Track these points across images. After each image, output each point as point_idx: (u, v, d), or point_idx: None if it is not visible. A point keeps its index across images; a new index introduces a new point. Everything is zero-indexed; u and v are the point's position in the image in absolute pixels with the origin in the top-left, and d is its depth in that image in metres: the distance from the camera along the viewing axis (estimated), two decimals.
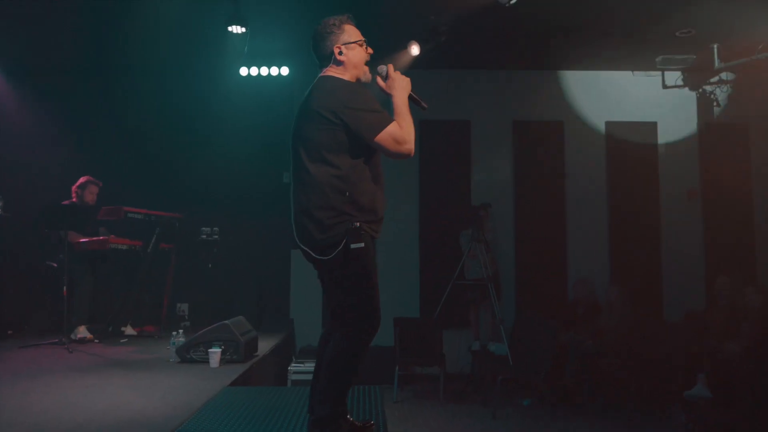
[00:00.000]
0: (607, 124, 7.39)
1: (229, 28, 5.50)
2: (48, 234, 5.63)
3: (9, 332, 6.09)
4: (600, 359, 5.74)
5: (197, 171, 6.96)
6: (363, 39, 2.62)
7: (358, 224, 2.38)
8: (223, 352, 4.38)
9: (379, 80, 2.56)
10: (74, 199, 5.79)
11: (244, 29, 5.52)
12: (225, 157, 7.03)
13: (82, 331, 5.49)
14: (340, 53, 2.56)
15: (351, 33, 2.59)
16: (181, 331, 4.69)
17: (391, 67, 2.55)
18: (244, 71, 6.88)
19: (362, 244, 2.37)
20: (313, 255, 2.44)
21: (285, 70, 6.96)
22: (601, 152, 7.39)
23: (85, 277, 5.56)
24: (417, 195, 7.26)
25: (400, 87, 2.52)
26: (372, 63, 2.65)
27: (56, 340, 5.11)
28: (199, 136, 6.99)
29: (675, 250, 7.25)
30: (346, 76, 2.57)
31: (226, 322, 4.50)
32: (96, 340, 5.47)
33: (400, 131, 2.41)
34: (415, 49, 6.02)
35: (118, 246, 5.60)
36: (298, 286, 7.15)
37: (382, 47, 6.28)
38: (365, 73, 2.62)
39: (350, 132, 2.39)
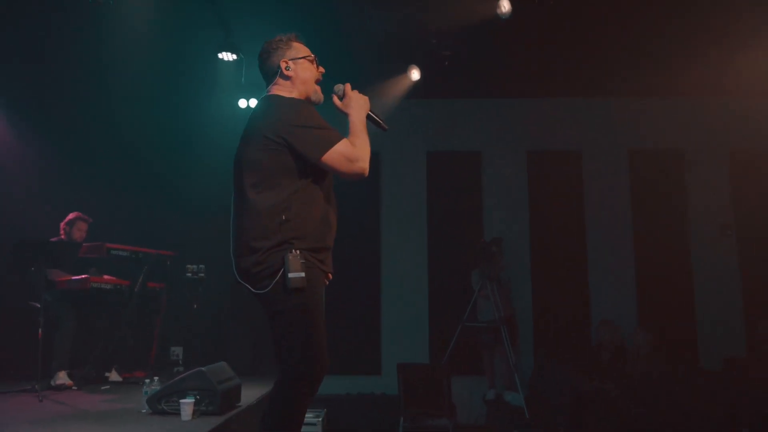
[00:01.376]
0: (630, 152, 6.91)
1: (220, 56, 5.26)
2: (33, 273, 5.34)
3: None
4: (627, 410, 5.15)
5: (194, 206, 6.66)
6: (312, 55, 2.46)
7: (297, 252, 2.10)
8: (197, 403, 3.92)
9: (336, 100, 2.40)
10: (62, 236, 5.51)
11: (235, 56, 5.28)
12: (224, 191, 6.71)
13: (62, 377, 5.11)
14: (287, 68, 2.40)
15: (299, 49, 2.44)
16: (156, 378, 4.28)
17: (348, 86, 2.40)
18: (243, 103, 6.65)
19: (302, 274, 2.08)
20: (251, 290, 2.13)
21: None
22: (624, 183, 6.89)
23: (67, 318, 5.22)
24: (425, 230, 6.83)
25: (357, 106, 2.35)
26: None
27: (29, 387, 4.74)
28: (196, 170, 6.70)
29: (709, 290, 6.64)
30: (294, 93, 2.39)
31: (202, 368, 4.06)
32: (74, 387, 5.08)
33: (352, 149, 2.21)
34: (415, 74, 5.70)
35: (101, 285, 5.25)
36: None
37: (381, 72, 6.04)
38: (315, 92, 2.45)
39: (295, 153, 2.18)
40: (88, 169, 6.54)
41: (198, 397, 3.97)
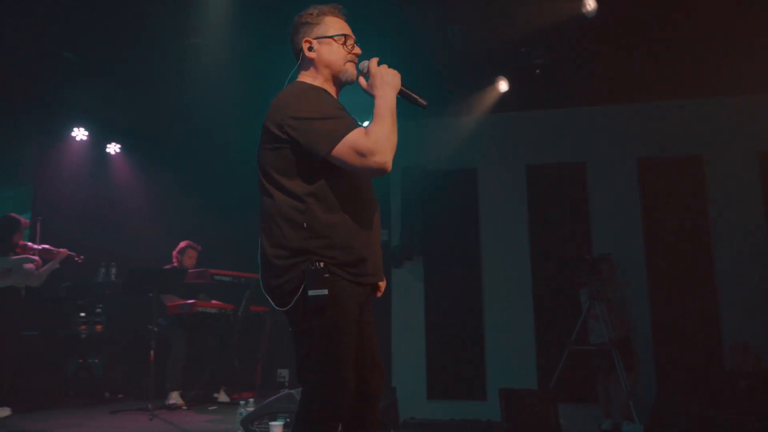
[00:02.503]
0: (759, 154, 6.14)
1: None
2: (151, 298, 5.74)
3: (120, 395, 6.26)
4: None
5: None
6: (348, 34, 2.10)
7: (321, 264, 1.84)
8: (288, 425, 3.96)
9: (362, 81, 2.07)
10: (175, 263, 5.89)
11: None
12: None
13: (175, 397, 5.41)
14: (310, 48, 2.07)
15: (331, 26, 2.09)
16: (251, 400, 4.37)
17: (373, 62, 2.04)
18: None
19: (324, 292, 1.81)
20: (273, 305, 1.94)
21: None
22: (755, 186, 6.12)
23: (178, 341, 5.54)
24: (528, 248, 6.47)
25: (383, 84, 1.97)
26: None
27: (143, 406, 5.06)
28: None
29: None
30: (318, 79, 2.08)
31: (292, 391, 4.11)
32: (185, 407, 5.35)
33: (365, 140, 1.83)
34: (503, 86, 5.48)
35: (206, 309, 5.53)
36: (400, 351, 6.61)
37: (467, 85, 5.86)
38: (345, 71, 2.08)
39: (301, 148, 1.89)
40: (196, 199, 6.97)
41: (288, 419, 4.00)
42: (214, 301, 5.73)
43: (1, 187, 6.00)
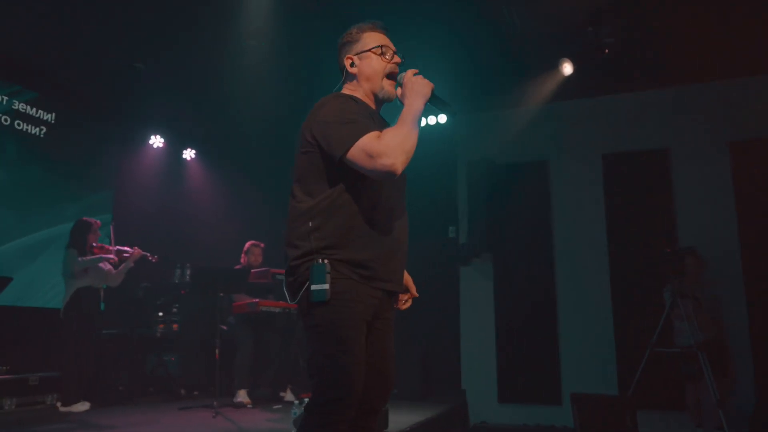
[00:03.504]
0: None
1: None
2: (221, 298, 5.88)
3: (195, 393, 6.45)
4: None
5: None
6: (384, 45, 2.15)
7: (325, 262, 1.88)
8: None
9: (398, 91, 2.10)
10: (243, 263, 6.00)
11: None
12: None
13: (242, 396, 5.48)
14: (352, 65, 2.17)
15: (369, 40, 2.17)
16: (306, 399, 4.32)
17: (409, 72, 2.07)
18: None
19: (325, 286, 1.84)
20: (289, 301, 2.01)
21: (443, 118, 6.55)
22: None
23: (244, 340, 5.61)
24: (605, 243, 6.03)
25: (413, 93, 2.01)
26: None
27: (209, 404, 5.16)
28: None
29: None
30: (359, 92, 2.15)
31: None
32: (251, 406, 5.40)
33: (376, 143, 1.87)
34: (567, 68, 5.12)
35: (270, 309, 5.56)
36: (469, 352, 6.37)
37: (531, 72, 5.55)
38: (383, 88, 2.14)
39: (324, 152, 1.96)
40: (267, 200, 7.09)
41: None
42: (282, 302, 5.76)
43: (85, 193, 6.36)
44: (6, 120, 5.55)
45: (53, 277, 5.24)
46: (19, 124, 5.65)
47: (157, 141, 7.07)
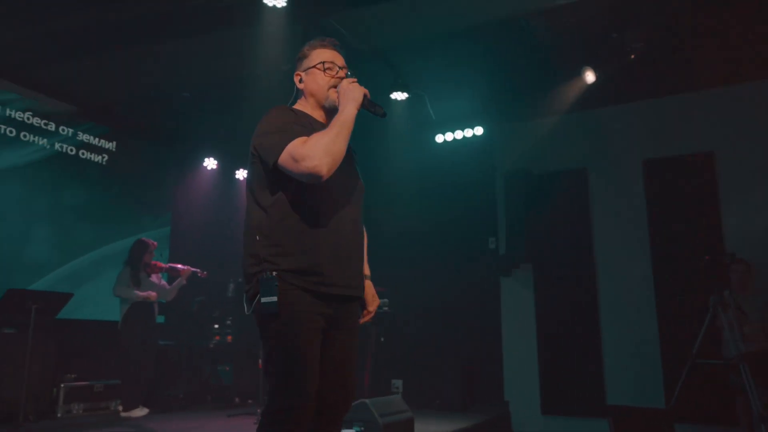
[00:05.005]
0: None
1: (392, 96, 5.47)
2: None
3: (249, 401, 6.79)
4: None
5: (400, 243, 6.94)
6: (330, 61, 2.20)
7: (273, 273, 1.91)
8: None
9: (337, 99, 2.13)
10: None
11: (406, 95, 5.43)
12: (427, 225, 6.89)
13: None
14: (300, 81, 2.24)
15: (316, 57, 2.22)
16: None
17: (345, 81, 2.12)
18: (440, 138, 6.77)
19: (273, 299, 1.87)
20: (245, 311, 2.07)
21: (479, 130, 6.61)
22: None
23: None
24: (648, 250, 5.87)
25: (345, 98, 2.06)
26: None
27: (252, 411, 5.44)
28: (399, 209, 6.99)
29: None
30: (307, 108, 2.21)
31: (366, 400, 4.15)
32: None
33: (300, 147, 1.91)
34: (590, 77, 5.06)
35: None
36: (511, 363, 6.35)
37: (561, 76, 5.52)
38: (327, 98, 2.18)
39: (264, 162, 2.01)
40: None
41: (363, 428, 4.06)
42: None
43: (144, 214, 6.85)
44: (72, 150, 6.12)
45: (110, 292, 5.69)
46: (83, 154, 6.22)
47: (210, 163, 7.52)
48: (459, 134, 6.70)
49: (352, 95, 2.05)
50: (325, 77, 2.18)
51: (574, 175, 6.31)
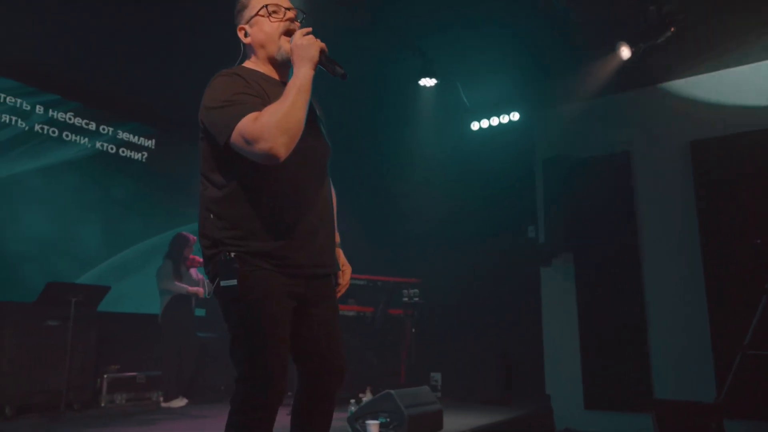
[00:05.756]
0: None
1: (420, 82, 5.36)
2: None
3: (289, 393, 6.83)
4: None
5: (435, 233, 6.82)
6: (273, 3, 1.94)
7: (231, 255, 1.77)
8: (386, 425, 3.95)
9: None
10: None
11: (435, 81, 5.31)
12: (463, 215, 6.74)
13: None
14: (246, 35, 1.98)
15: (257, 2, 1.96)
16: (364, 399, 4.45)
17: (297, 34, 1.85)
18: (475, 125, 6.60)
19: (233, 282, 1.74)
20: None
21: (515, 116, 6.40)
22: None
23: None
24: (696, 234, 5.53)
25: (299, 58, 1.80)
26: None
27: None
28: (433, 198, 6.87)
29: None
30: (259, 64, 1.98)
31: (391, 391, 4.07)
32: None
33: (252, 126, 1.67)
34: (625, 52, 4.78)
35: (344, 312, 5.76)
36: (552, 355, 6.13)
37: (596, 56, 5.26)
38: (279, 49, 1.93)
39: (213, 140, 1.80)
40: (351, 208, 7.30)
41: (389, 419, 3.99)
42: (357, 307, 5.96)
43: (183, 209, 6.93)
44: (112, 149, 6.31)
45: (154, 285, 5.84)
46: (123, 151, 6.39)
47: None
48: (495, 121, 6.52)
49: (306, 53, 1.79)
50: (272, 23, 1.93)
51: (615, 159, 6.02)
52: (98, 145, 6.18)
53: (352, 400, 4.44)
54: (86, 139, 6.09)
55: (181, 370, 5.70)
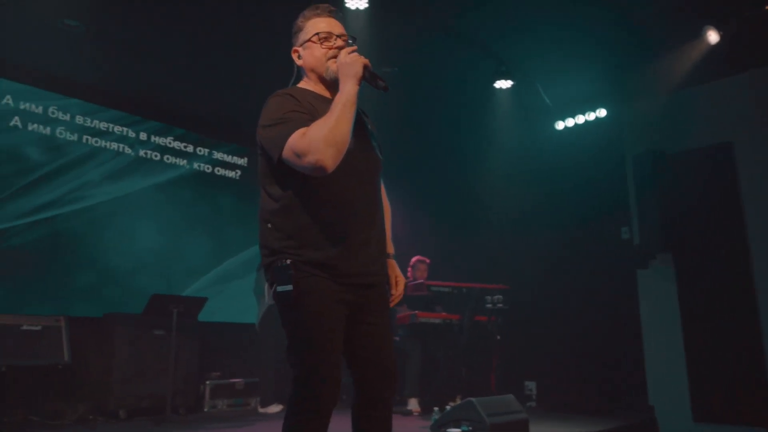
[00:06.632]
0: None
1: (496, 85, 5.27)
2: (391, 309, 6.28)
3: None
4: None
5: (521, 238, 6.65)
6: (325, 31, 2.08)
7: (288, 261, 1.89)
8: None
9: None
10: (410, 278, 6.31)
11: (511, 82, 5.21)
12: (551, 218, 6.53)
13: (412, 404, 5.75)
14: (299, 57, 2.13)
15: (311, 28, 2.10)
16: (448, 407, 4.41)
17: (342, 53, 1.98)
18: (560, 125, 6.39)
19: (289, 287, 1.85)
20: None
21: (602, 112, 6.12)
22: None
23: (412, 350, 5.88)
24: None
25: (344, 75, 1.92)
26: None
27: None
28: (518, 202, 6.70)
29: None
30: (310, 85, 2.12)
31: (473, 399, 4.02)
32: (418, 413, 5.63)
33: (300, 140, 1.81)
34: (713, 36, 4.42)
35: (429, 320, 5.75)
36: (655, 364, 5.75)
37: (666, 38, 4.91)
38: (327, 69, 2.06)
39: (268, 154, 1.96)
40: (425, 215, 7.34)
41: (471, 427, 3.94)
42: (441, 313, 5.93)
43: None
44: (208, 168, 6.74)
45: (251, 295, 6.15)
46: (218, 171, 6.81)
47: None
48: (580, 119, 6.28)
49: (351, 70, 1.91)
50: (322, 49, 2.07)
51: (716, 151, 5.57)
52: (195, 165, 6.63)
53: (436, 408, 4.43)
54: (184, 161, 6.55)
55: (277, 377, 5.94)
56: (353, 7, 4.24)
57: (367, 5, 4.18)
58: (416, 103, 6.00)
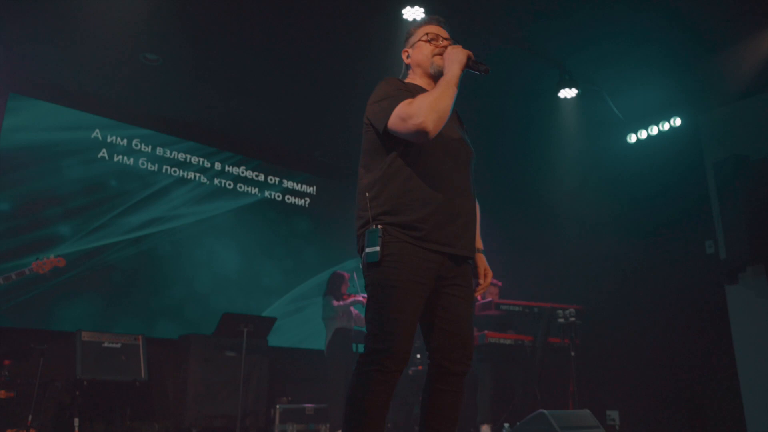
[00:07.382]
0: None
1: (560, 94, 5.17)
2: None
3: None
4: None
5: (596, 257, 6.35)
6: (433, 33, 2.34)
7: (378, 227, 2.03)
8: None
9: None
10: (479, 299, 6.15)
11: (576, 91, 5.10)
12: (628, 235, 6.21)
13: (485, 430, 5.50)
14: (408, 57, 2.41)
15: (420, 32, 2.38)
16: (518, 424, 4.19)
17: (450, 47, 2.23)
18: (632, 138, 6.16)
19: (376, 248, 1.99)
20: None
21: (677, 121, 5.86)
22: None
23: (484, 374, 5.66)
24: None
25: (450, 61, 2.15)
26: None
27: None
28: (591, 219, 6.43)
29: None
30: (416, 79, 2.35)
31: (545, 411, 3.80)
32: None
33: (407, 107, 2.01)
34: None
35: (500, 341, 5.53)
36: (752, 387, 5.25)
37: (726, 32, 4.65)
38: (432, 64, 2.30)
39: (375, 129, 2.15)
40: (501, 239, 7.16)
41: None
42: (510, 334, 5.71)
43: (340, 247, 7.38)
44: (278, 197, 6.95)
45: (318, 322, 6.20)
46: (288, 199, 7.01)
47: None
48: (654, 130, 6.02)
49: (456, 57, 2.13)
50: (429, 46, 2.31)
51: None
52: (266, 193, 6.87)
53: (506, 424, 4.21)
54: (255, 189, 6.80)
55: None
56: (410, 18, 4.33)
57: (423, 15, 4.26)
58: (484, 113, 5.95)
